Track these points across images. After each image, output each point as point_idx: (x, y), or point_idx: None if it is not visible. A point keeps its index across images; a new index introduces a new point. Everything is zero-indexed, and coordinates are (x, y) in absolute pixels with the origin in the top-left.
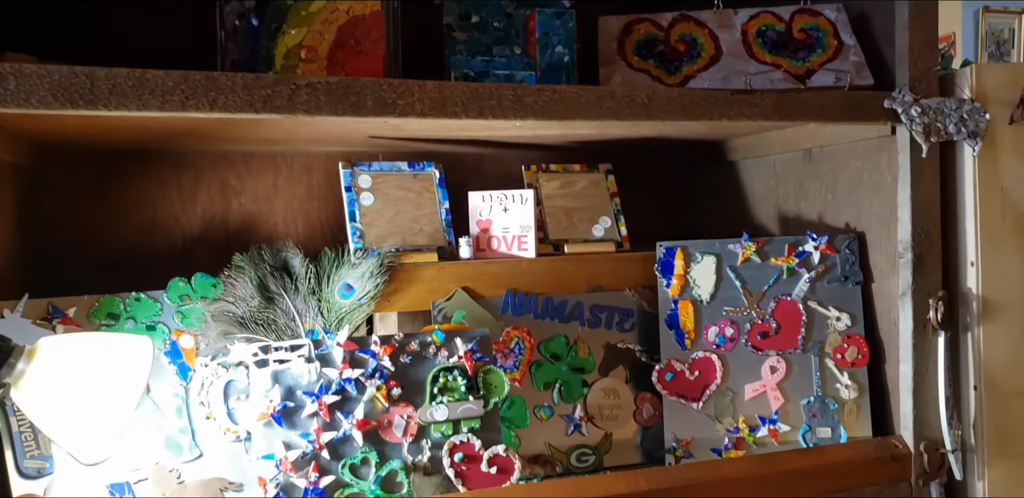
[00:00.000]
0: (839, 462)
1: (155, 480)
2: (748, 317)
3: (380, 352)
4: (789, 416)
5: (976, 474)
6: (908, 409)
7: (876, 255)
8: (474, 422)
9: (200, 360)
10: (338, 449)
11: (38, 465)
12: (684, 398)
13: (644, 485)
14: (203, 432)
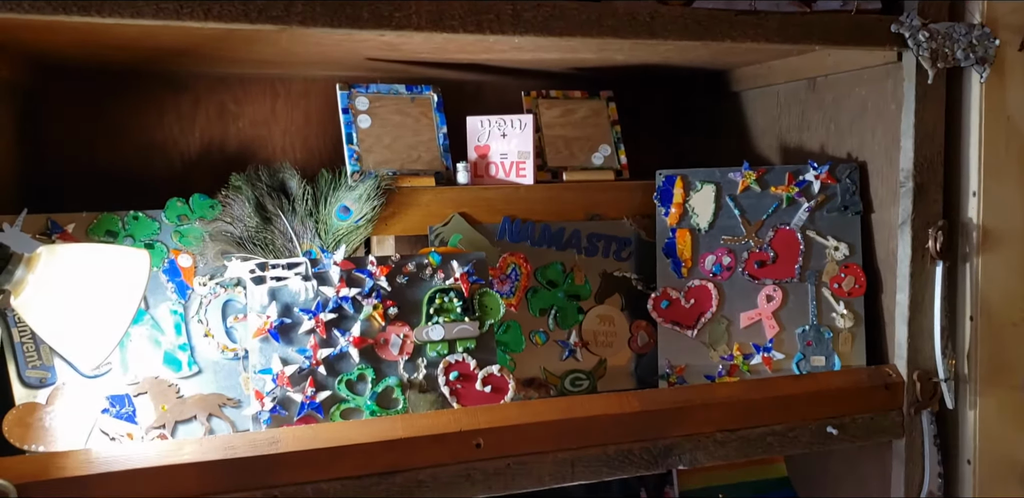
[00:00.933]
0: (832, 389)
1: (154, 394)
2: (746, 246)
3: (377, 272)
4: (783, 344)
5: (968, 403)
6: (903, 338)
7: (877, 185)
8: (469, 342)
9: (198, 279)
10: (335, 365)
11: (40, 375)
12: (679, 325)
13: (636, 406)
14: (201, 349)
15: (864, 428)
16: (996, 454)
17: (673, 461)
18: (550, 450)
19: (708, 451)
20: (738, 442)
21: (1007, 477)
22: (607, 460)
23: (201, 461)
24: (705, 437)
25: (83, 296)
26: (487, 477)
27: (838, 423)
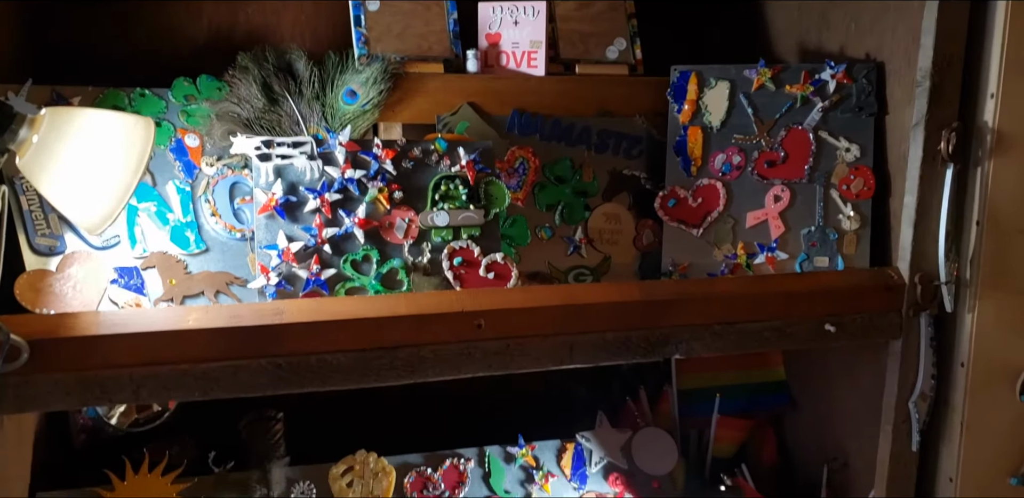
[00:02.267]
0: (833, 288)
1: (162, 268)
2: (757, 145)
3: (382, 155)
4: (788, 245)
5: (966, 307)
6: (907, 241)
7: (893, 85)
8: (474, 230)
9: (206, 159)
10: (340, 245)
11: (49, 243)
12: (685, 224)
13: (637, 296)
14: (209, 228)
15: (862, 327)
16: (990, 358)
17: (670, 350)
18: (549, 334)
19: (705, 342)
20: (736, 335)
21: (999, 381)
22: (605, 346)
23: (207, 328)
24: (703, 328)
25: (87, 160)
26: (487, 356)
27: (837, 321)
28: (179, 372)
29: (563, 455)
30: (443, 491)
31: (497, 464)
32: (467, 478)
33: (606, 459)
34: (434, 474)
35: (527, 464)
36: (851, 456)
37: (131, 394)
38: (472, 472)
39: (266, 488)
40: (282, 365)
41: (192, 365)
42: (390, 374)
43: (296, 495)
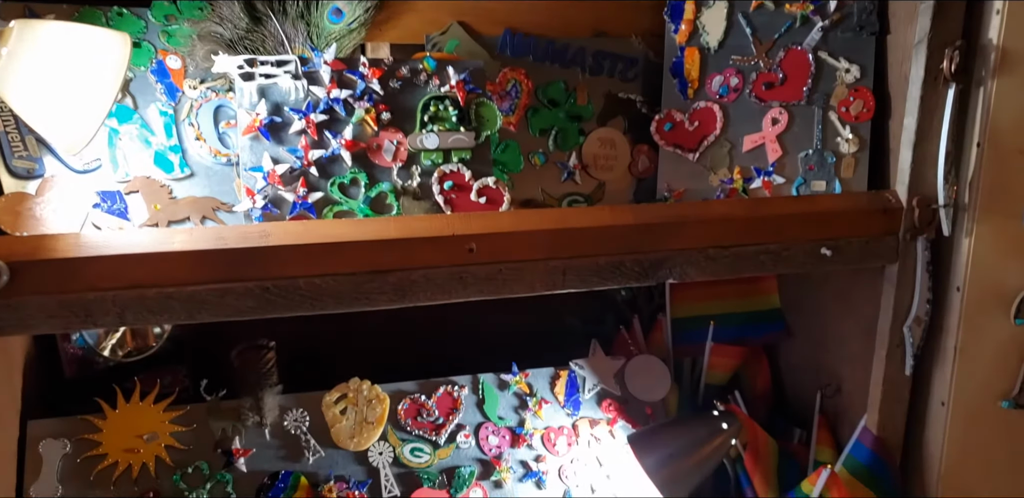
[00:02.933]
0: (830, 211)
1: (146, 193)
2: (755, 67)
3: (369, 74)
4: (785, 168)
5: (964, 231)
6: (906, 164)
7: (896, 3)
8: (464, 153)
9: (188, 82)
10: (327, 168)
11: (27, 165)
12: (681, 148)
13: (631, 219)
14: (193, 153)
15: (858, 251)
16: (986, 282)
17: (663, 274)
18: (542, 258)
19: (699, 266)
20: (730, 259)
21: (994, 305)
22: (598, 270)
23: (192, 250)
24: (697, 252)
25: (59, 75)
26: (479, 281)
27: (833, 245)
28: (164, 295)
29: (556, 382)
30: (437, 417)
31: (491, 391)
32: (461, 405)
33: (599, 386)
34: (428, 401)
35: (520, 391)
36: (844, 381)
37: (116, 317)
38: (466, 399)
39: (259, 416)
40: (270, 288)
41: (178, 288)
42: (381, 298)
43: (289, 422)
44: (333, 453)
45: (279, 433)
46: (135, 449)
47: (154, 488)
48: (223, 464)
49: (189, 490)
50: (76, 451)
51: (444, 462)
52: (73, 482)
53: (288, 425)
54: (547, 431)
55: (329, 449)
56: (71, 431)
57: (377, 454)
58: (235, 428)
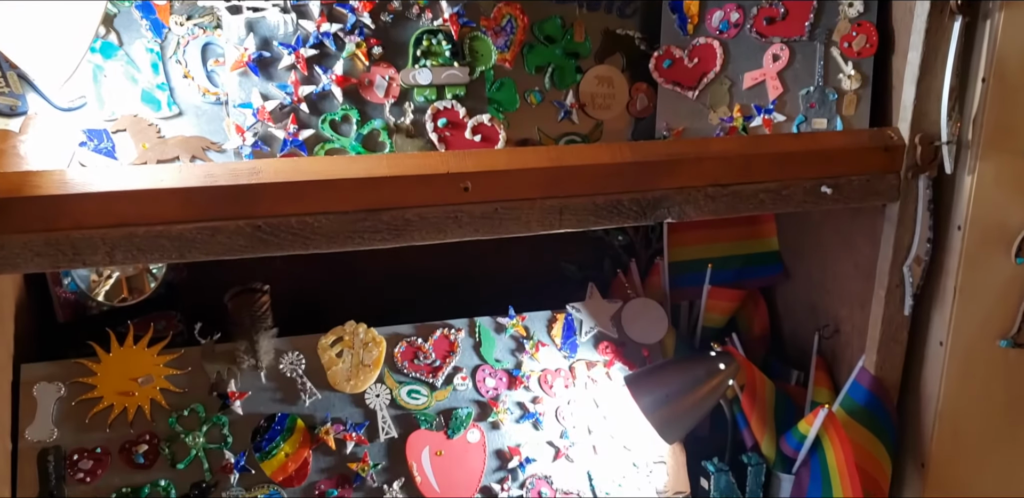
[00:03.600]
0: (830, 149)
1: (134, 132)
2: (756, 1)
3: (359, 7)
4: (786, 106)
5: (967, 169)
6: (909, 100)
7: None
8: (459, 89)
9: (175, 19)
10: (318, 104)
11: (9, 102)
12: (680, 86)
13: (629, 156)
14: (181, 91)
15: (859, 190)
16: (987, 220)
17: (662, 214)
18: (539, 197)
19: (698, 205)
20: (729, 197)
21: (995, 243)
22: (595, 209)
23: (181, 187)
24: (696, 190)
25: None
26: (474, 220)
27: (833, 183)
28: (154, 234)
29: (553, 325)
30: (434, 360)
31: (488, 334)
32: (458, 348)
33: (596, 329)
34: (424, 344)
35: (517, 334)
36: (842, 323)
37: (105, 256)
38: (463, 342)
39: (254, 359)
40: (261, 227)
41: (167, 226)
42: (375, 237)
43: (285, 365)
44: (330, 395)
45: (275, 376)
46: (130, 392)
47: (150, 430)
48: (219, 407)
49: (185, 432)
50: (71, 394)
51: (441, 404)
52: (69, 425)
53: (284, 368)
54: (544, 373)
55: (326, 392)
56: (65, 375)
57: (374, 396)
58: (230, 371)
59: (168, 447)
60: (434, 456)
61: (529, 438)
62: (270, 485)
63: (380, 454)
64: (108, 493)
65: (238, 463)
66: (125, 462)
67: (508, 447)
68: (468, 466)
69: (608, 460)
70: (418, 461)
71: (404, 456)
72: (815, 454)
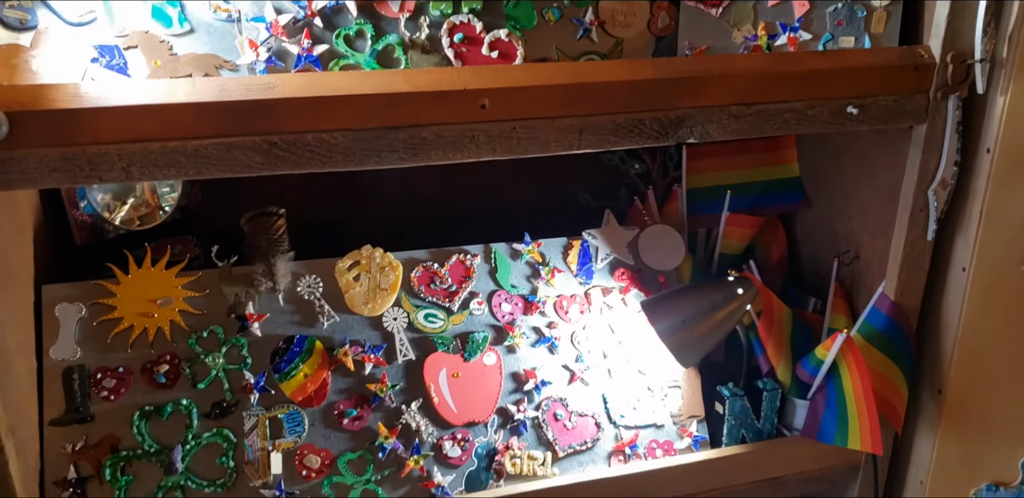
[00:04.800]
0: (858, 68)
1: (145, 48)
2: None
3: None
4: (812, 24)
5: (999, 89)
6: (942, 17)
7: None
8: (475, 3)
9: None
10: (332, 19)
11: (19, 16)
12: (703, 3)
13: (650, 73)
14: (193, 8)
15: (886, 110)
16: (1018, 143)
17: (684, 134)
18: (558, 116)
19: (721, 125)
20: (754, 117)
21: None
22: (615, 129)
23: (195, 102)
24: (719, 110)
25: None
26: (492, 139)
27: (860, 103)
28: (169, 149)
29: (569, 252)
30: (450, 285)
31: (503, 260)
32: (473, 273)
33: (612, 255)
34: (441, 269)
35: (533, 260)
36: (862, 249)
37: (121, 172)
38: (478, 267)
39: (271, 281)
40: (277, 143)
41: (182, 142)
42: (391, 156)
43: (302, 288)
44: (348, 318)
45: (292, 299)
46: (149, 313)
47: (171, 351)
48: (237, 329)
49: (205, 353)
50: (92, 315)
51: (458, 328)
52: (91, 345)
53: (301, 291)
54: (559, 299)
55: (343, 314)
56: (85, 296)
57: (391, 320)
58: (248, 294)
59: (189, 367)
60: (451, 378)
61: (544, 362)
62: (290, 405)
63: (398, 375)
64: (132, 411)
65: (258, 383)
66: (147, 381)
67: (524, 370)
68: (484, 388)
69: (623, 384)
70: (435, 382)
71: (422, 378)
72: (831, 380)
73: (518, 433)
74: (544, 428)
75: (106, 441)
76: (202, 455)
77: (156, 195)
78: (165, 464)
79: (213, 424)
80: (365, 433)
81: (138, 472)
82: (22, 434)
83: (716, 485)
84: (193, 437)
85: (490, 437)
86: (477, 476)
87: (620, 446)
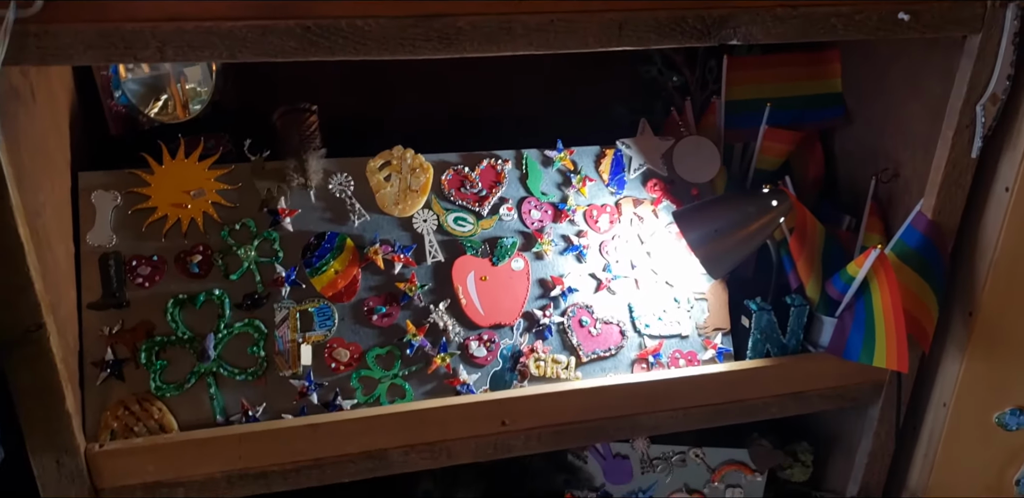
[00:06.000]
0: None
1: None
2: None
3: None
4: None
5: None
6: None
7: None
8: None
9: None
10: None
11: None
12: None
13: None
14: None
15: (939, 17)
16: None
17: (727, 34)
18: (598, 10)
19: (765, 26)
20: (800, 20)
21: None
22: (657, 26)
23: None
24: (765, 11)
25: None
26: (528, 32)
27: (912, 9)
28: (204, 30)
29: (602, 161)
30: (480, 189)
31: (535, 166)
32: (504, 178)
33: (645, 166)
34: (471, 173)
35: (565, 168)
36: (902, 166)
37: (155, 51)
38: (509, 173)
39: (303, 177)
40: (311, 28)
41: (216, 23)
42: (425, 46)
43: (334, 186)
44: (378, 218)
45: (324, 196)
46: (183, 204)
47: (204, 242)
48: (269, 223)
49: (237, 245)
50: (126, 203)
51: (487, 232)
52: (126, 233)
53: (333, 188)
54: (590, 208)
55: (374, 214)
56: (120, 184)
57: (421, 221)
58: (280, 189)
59: (221, 259)
60: (479, 281)
61: (572, 269)
62: (320, 299)
63: (427, 276)
64: (166, 298)
65: (289, 277)
66: (181, 271)
67: (551, 276)
68: (512, 292)
69: (649, 294)
70: (464, 285)
71: (450, 279)
72: (861, 297)
73: (543, 337)
74: (569, 333)
75: (141, 327)
76: (234, 344)
77: (187, 90)
78: (198, 351)
79: (245, 314)
80: (393, 330)
81: (172, 357)
82: (62, 314)
83: (738, 397)
84: (225, 326)
85: (515, 340)
86: (501, 376)
87: (643, 354)
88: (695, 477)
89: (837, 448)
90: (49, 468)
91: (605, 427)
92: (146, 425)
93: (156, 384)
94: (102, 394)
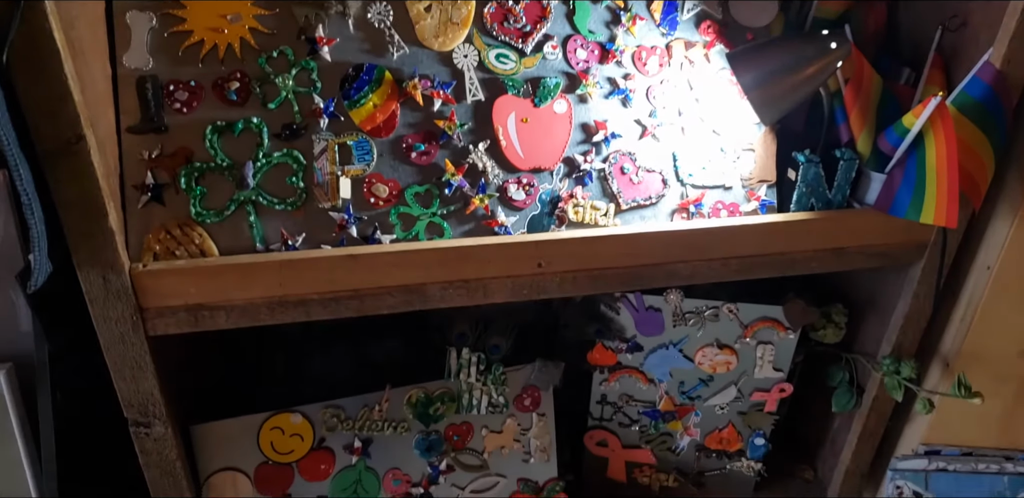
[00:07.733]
0: None
1: None
2: None
3: None
4: None
5: None
6: None
7: None
8: None
9: None
10: None
11: None
12: None
13: None
14: None
15: None
16: None
17: None
18: None
19: None
20: None
21: None
22: None
23: None
24: None
25: None
26: None
27: None
28: None
29: None
30: (524, 25)
31: (582, 2)
32: (550, 14)
33: (700, 6)
34: (515, 6)
35: (614, 5)
36: (972, 14)
37: None
38: (555, 8)
39: (342, 4)
40: None
41: None
42: None
43: (373, 15)
44: (417, 51)
45: (363, 25)
46: (219, 28)
47: (241, 69)
48: (307, 51)
49: (275, 74)
50: (162, 25)
51: (529, 71)
52: (163, 57)
53: (371, 18)
54: (639, 49)
55: (413, 47)
56: (155, 5)
57: (462, 56)
58: (318, 16)
59: (259, 87)
60: (520, 122)
61: (616, 114)
62: (359, 133)
63: (466, 115)
64: (204, 125)
65: (327, 108)
66: (218, 97)
67: (595, 121)
68: (553, 135)
69: (695, 143)
70: (504, 125)
71: (490, 119)
72: (913, 152)
73: (583, 183)
74: (609, 180)
75: (181, 152)
76: (273, 174)
77: None
78: (237, 178)
79: (283, 144)
80: (432, 169)
81: (211, 184)
82: (100, 133)
83: (778, 249)
84: (264, 155)
85: (555, 184)
86: (539, 220)
87: (685, 204)
88: (727, 332)
89: (871, 311)
90: (96, 284)
91: (641, 274)
92: (187, 250)
93: (196, 210)
94: (144, 218)
